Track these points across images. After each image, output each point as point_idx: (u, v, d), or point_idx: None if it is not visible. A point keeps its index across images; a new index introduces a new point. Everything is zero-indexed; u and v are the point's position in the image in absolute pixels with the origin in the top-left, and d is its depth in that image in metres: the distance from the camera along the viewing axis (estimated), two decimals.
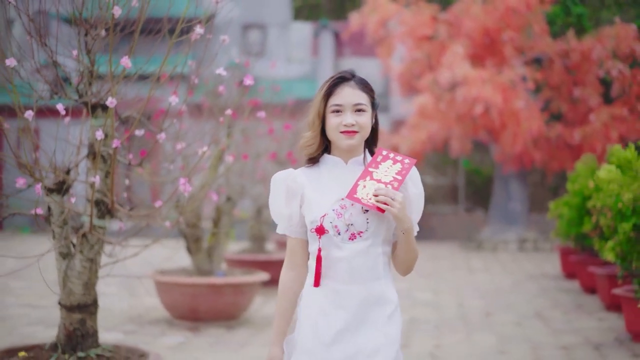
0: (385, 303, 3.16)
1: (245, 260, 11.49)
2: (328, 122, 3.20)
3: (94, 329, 5.38)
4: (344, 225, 3.12)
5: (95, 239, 5.22)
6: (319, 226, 3.13)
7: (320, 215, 3.14)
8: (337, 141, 3.20)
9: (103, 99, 5.08)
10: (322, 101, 3.21)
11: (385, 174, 3.13)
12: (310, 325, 3.16)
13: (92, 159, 5.14)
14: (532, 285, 12.68)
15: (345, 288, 3.12)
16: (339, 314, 3.12)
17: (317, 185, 3.22)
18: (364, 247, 3.13)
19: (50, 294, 10.93)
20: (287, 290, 3.28)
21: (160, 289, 9.05)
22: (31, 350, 5.47)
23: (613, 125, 17.23)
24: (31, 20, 4.87)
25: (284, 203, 3.25)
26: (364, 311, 3.12)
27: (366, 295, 3.12)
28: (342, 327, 3.11)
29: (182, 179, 4.72)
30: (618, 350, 7.84)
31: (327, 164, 3.26)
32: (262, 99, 9.24)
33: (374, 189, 3.07)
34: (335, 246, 3.13)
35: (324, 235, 3.13)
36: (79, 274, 5.27)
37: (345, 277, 3.12)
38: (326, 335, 3.12)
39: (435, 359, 7.55)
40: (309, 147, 3.25)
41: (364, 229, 3.12)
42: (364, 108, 3.21)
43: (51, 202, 5.16)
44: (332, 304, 3.13)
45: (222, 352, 7.71)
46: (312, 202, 3.18)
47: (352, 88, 3.21)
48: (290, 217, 3.25)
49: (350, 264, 3.11)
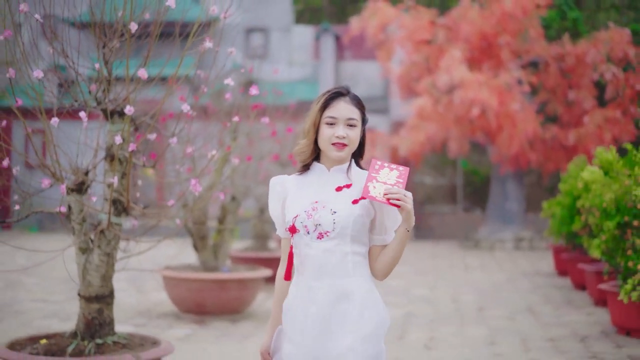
0: (355, 300, 3.34)
1: (249, 258, 11.92)
2: (321, 133, 3.43)
3: (111, 318, 5.81)
4: (312, 225, 3.35)
5: (112, 234, 5.65)
6: (291, 226, 3.39)
7: (293, 216, 3.40)
8: (327, 151, 3.43)
9: (120, 105, 5.52)
10: (319, 112, 3.44)
11: (388, 178, 3.35)
12: (291, 317, 3.41)
13: (109, 161, 5.58)
14: (525, 282, 13.12)
15: (316, 284, 3.35)
16: (311, 308, 3.34)
17: (299, 190, 3.47)
18: (331, 246, 3.34)
19: (61, 290, 11.41)
20: (278, 286, 3.58)
21: (168, 284, 9.49)
22: (52, 338, 5.89)
23: (606, 127, 17.69)
24: (51, 28, 5.29)
25: (273, 206, 3.56)
26: (334, 307, 3.33)
27: (334, 291, 3.33)
28: (315, 320, 3.33)
29: (193, 180, 5.15)
30: (603, 342, 8.27)
31: (315, 172, 3.51)
32: (265, 102, 9.66)
33: (384, 189, 3.29)
34: (305, 244, 3.37)
35: (296, 234, 3.38)
36: (97, 267, 5.69)
37: (315, 274, 3.36)
38: (302, 327, 3.36)
39: (429, 349, 7.98)
40: (302, 154, 3.49)
41: (330, 229, 3.34)
42: (355, 123, 3.42)
43: (71, 201, 5.60)
44: (306, 299, 3.37)
45: (227, 344, 8.14)
46: (289, 205, 3.45)
47: (347, 103, 3.43)
48: (279, 218, 3.54)
49: (319, 261, 3.35)
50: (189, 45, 5.17)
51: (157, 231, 6.93)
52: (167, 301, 10.36)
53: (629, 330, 8.53)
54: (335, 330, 3.32)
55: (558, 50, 18.58)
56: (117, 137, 4.98)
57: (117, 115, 5.57)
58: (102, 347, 5.62)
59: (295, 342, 3.36)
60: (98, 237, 5.66)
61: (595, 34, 18.57)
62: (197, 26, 5.17)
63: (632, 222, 8.19)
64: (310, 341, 3.33)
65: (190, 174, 8.77)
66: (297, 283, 3.43)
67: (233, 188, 10.12)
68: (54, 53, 5.45)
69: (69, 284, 11.95)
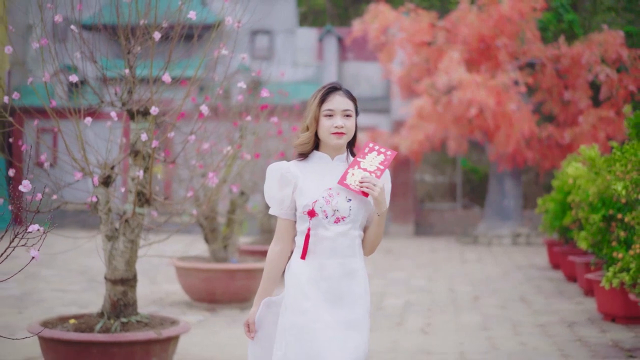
0: (359, 276, 3.79)
1: (256, 251, 12.52)
2: (321, 124, 3.80)
3: (134, 300, 6.39)
4: (331, 210, 3.73)
5: (136, 223, 6.24)
6: (311, 210, 3.73)
7: (312, 200, 3.73)
8: (327, 140, 3.81)
9: (143, 106, 6.10)
10: (317, 107, 3.81)
11: (370, 164, 3.75)
12: (300, 291, 3.72)
13: (134, 156, 6.17)
14: (519, 275, 13.70)
15: (328, 262, 3.74)
16: (323, 284, 3.73)
17: (308, 175, 3.80)
18: (345, 230, 3.75)
19: (78, 281, 12.01)
20: (273, 261, 3.85)
21: (181, 274, 10.09)
22: (80, 318, 6.49)
23: (600, 127, 18.29)
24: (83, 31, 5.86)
25: (277, 189, 3.82)
26: (342, 282, 3.74)
27: (344, 269, 3.75)
28: (326, 294, 3.72)
29: (210, 173, 5.74)
30: (589, 328, 8.84)
31: (316, 159, 3.86)
32: (271, 102, 10.24)
33: (360, 177, 3.70)
34: (322, 227, 3.73)
35: (314, 218, 3.74)
36: (122, 253, 6.28)
37: (329, 253, 3.74)
38: (314, 299, 3.71)
39: (426, 334, 8.55)
40: (304, 145, 3.84)
41: (346, 215, 3.75)
42: (351, 113, 3.82)
43: (99, 193, 6.18)
44: (318, 275, 3.73)
45: (237, 329, 8.72)
46: (304, 189, 3.76)
47: (341, 96, 3.82)
48: (283, 201, 3.81)
49: (334, 242, 3.74)
50: (207, 50, 5.75)
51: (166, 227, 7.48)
52: (178, 291, 10.94)
53: (614, 317, 9.09)
54: (345, 303, 3.74)
55: (554, 51, 19.16)
56: (143, 135, 5.57)
57: (141, 115, 6.16)
58: (126, 325, 6.21)
59: (304, 311, 3.69)
60: (123, 225, 6.24)
61: (590, 36, 19.16)
62: (214, 32, 5.75)
63: (617, 215, 8.73)
64: (323, 310, 3.69)
65: (202, 170, 9.39)
66: (307, 261, 3.76)
67: (242, 183, 10.70)
68: (82, 57, 6.04)
69: (85, 275, 12.55)
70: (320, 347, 3.65)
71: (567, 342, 8.06)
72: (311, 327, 3.67)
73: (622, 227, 8.56)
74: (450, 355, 7.52)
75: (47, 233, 3.66)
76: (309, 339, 3.66)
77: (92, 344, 5.88)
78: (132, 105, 6.09)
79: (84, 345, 5.87)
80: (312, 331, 3.67)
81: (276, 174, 3.82)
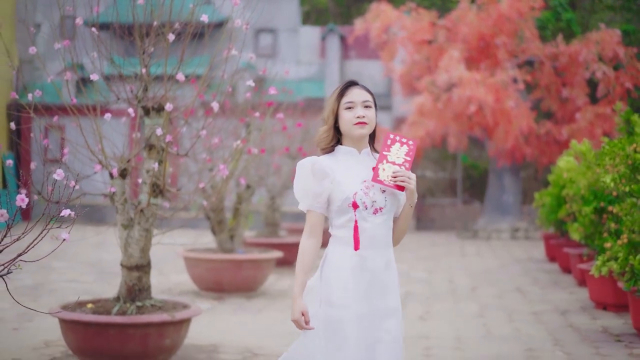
0: (394, 267, 3.87)
1: (262, 243, 12.93)
2: (342, 117, 3.84)
3: (148, 285, 6.78)
4: (370, 201, 3.77)
5: (150, 213, 6.63)
6: (354, 202, 3.76)
7: (352, 193, 3.76)
8: (350, 132, 3.84)
9: (157, 102, 6.49)
10: (336, 101, 3.86)
11: (397, 156, 3.79)
12: (341, 283, 3.76)
13: (148, 150, 6.56)
14: (517, 267, 14.09)
15: (368, 253, 3.77)
16: (365, 275, 3.76)
17: (341, 168, 3.83)
18: (382, 221, 3.80)
19: (89, 272, 12.41)
20: (307, 253, 3.85)
21: (189, 265, 10.50)
22: (97, 302, 6.88)
23: (597, 123, 18.69)
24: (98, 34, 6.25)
25: (314, 182, 3.81)
26: (382, 273, 3.80)
27: (383, 260, 3.80)
28: (368, 285, 3.76)
29: (221, 165, 6.13)
30: (580, 315, 9.23)
31: (342, 153, 3.89)
32: (275, 100, 10.63)
33: (392, 172, 3.75)
34: (362, 219, 3.77)
35: (357, 209, 3.78)
36: (137, 241, 6.66)
37: (369, 244, 3.77)
38: (356, 291, 3.75)
39: (424, 321, 8.95)
40: (324, 140, 3.90)
41: (383, 206, 3.80)
42: (370, 104, 3.87)
43: (116, 184, 6.58)
44: (359, 266, 3.76)
45: (243, 316, 9.12)
46: (341, 183, 3.79)
47: (360, 89, 3.88)
48: (319, 195, 3.81)
49: (373, 233, 3.77)
50: (218, 51, 6.14)
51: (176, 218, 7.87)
52: (187, 282, 11.34)
53: (606, 305, 9.46)
54: (384, 292, 3.80)
55: (552, 50, 19.56)
56: (158, 130, 5.97)
57: (155, 111, 6.55)
58: (141, 308, 6.60)
59: (345, 305, 3.74)
60: (138, 215, 6.63)
61: (587, 35, 19.56)
62: (224, 33, 6.15)
63: (608, 208, 9.11)
64: (365, 302, 3.75)
65: (210, 164, 9.81)
66: (345, 252, 3.80)
67: (248, 177, 11.11)
68: (99, 57, 6.43)
69: (96, 267, 12.96)
70: (352, 342, 3.72)
71: (559, 329, 8.45)
72: (345, 321, 3.73)
73: (613, 219, 8.91)
74: (447, 339, 7.90)
75: (77, 217, 3.98)
76: (343, 333, 3.72)
77: (109, 325, 6.27)
78: (147, 102, 6.48)
79: (102, 327, 6.26)
80: (347, 324, 3.72)
81: (311, 168, 3.83)
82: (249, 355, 7.13)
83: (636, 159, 7.53)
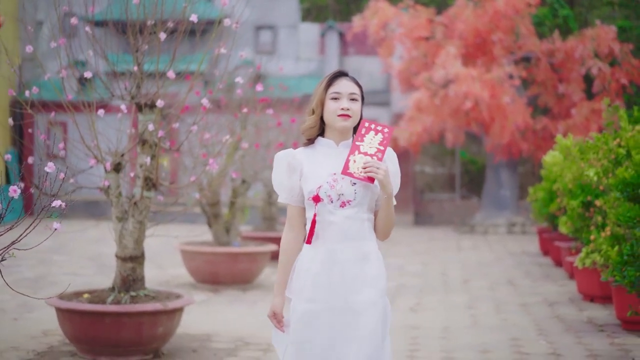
0: (374, 260, 3.77)
1: (258, 237, 13.15)
2: (327, 107, 3.77)
3: (142, 275, 6.99)
4: (335, 195, 3.70)
5: (144, 205, 6.84)
6: (315, 195, 3.72)
7: (316, 186, 3.71)
8: (333, 123, 3.77)
9: (150, 99, 6.69)
10: (324, 90, 3.79)
11: (370, 146, 3.68)
12: (311, 278, 3.73)
13: (141, 145, 6.77)
14: (510, 261, 14.30)
15: (338, 247, 3.72)
16: (335, 268, 3.72)
17: (313, 161, 3.78)
18: (352, 213, 3.72)
19: (89, 265, 12.64)
20: (287, 248, 3.86)
21: (186, 257, 10.72)
22: (93, 292, 7.10)
23: (593, 119, 18.89)
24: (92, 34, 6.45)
25: (286, 176, 3.81)
26: (355, 266, 3.73)
27: (355, 253, 3.73)
28: (339, 279, 3.71)
29: (211, 160, 6.35)
30: (568, 307, 9.43)
31: (321, 145, 3.83)
32: (272, 96, 10.83)
33: (362, 163, 3.64)
34: (328, 212, 3.71)
35: (320, 203, 3.72)
36: (131, 232, 6.88)
37: (337, 238, 3.72)
38: (326, 285, 3.71)
39: (415, 312, 9.16)
40: (311, 129, 3.83)
41: (352, 198, 3.71)
42: (357, 97, 3.79)
43: (110, 178, 6.79)
44: (329, 260, 3.72)
45: (239, 307, 9.34)
46: (309, 175, 3.75)
47: (348, 81, 3.80)
48: (292, 188, 3.81)
49: (342, 227, 3.71)
50: (209, 47, 6.35)
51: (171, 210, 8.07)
52: (183, 275, 11.56)
53: (593, 297, 9.66)
54: (359, 286, 3.72)
55: (548, 46, 19.76)
56: (150, 125, 6.18)
57: (148, 107, 6.76)
58: (135, 298, 6.81)
59: (316, 299, 3.72)
60: (132, 207, 6.84)
61: (583, 31, 19.75)
62: (215, 31, 6.36)
63: (594, 202, 9.30)
64: (336, 296, 3.71)
65: (205, 159, 10.02)
66: (317, 247, 3.75)
67: (243, 172, 11.32)
68: (94, 55, 6.64)
69: (94, 261, 13.19)
70: (325, 335, 3.70)
71: (545, 319, 8.65)
72: (317, 314, 3.71)
73: (600, 212, 9.10)
74: (435, 330, 8.11)
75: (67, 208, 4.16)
76: (315, 326, 3.70)
77: (104, 314, 6.48)
78: (140, 99, 6.70)
79: (97, 316, 6.48)
80: (319, 318, 3.70)
81: (283, 162, 3.83)
82: (240, 344, 7.35)
83: (619, 153, 7.72)
